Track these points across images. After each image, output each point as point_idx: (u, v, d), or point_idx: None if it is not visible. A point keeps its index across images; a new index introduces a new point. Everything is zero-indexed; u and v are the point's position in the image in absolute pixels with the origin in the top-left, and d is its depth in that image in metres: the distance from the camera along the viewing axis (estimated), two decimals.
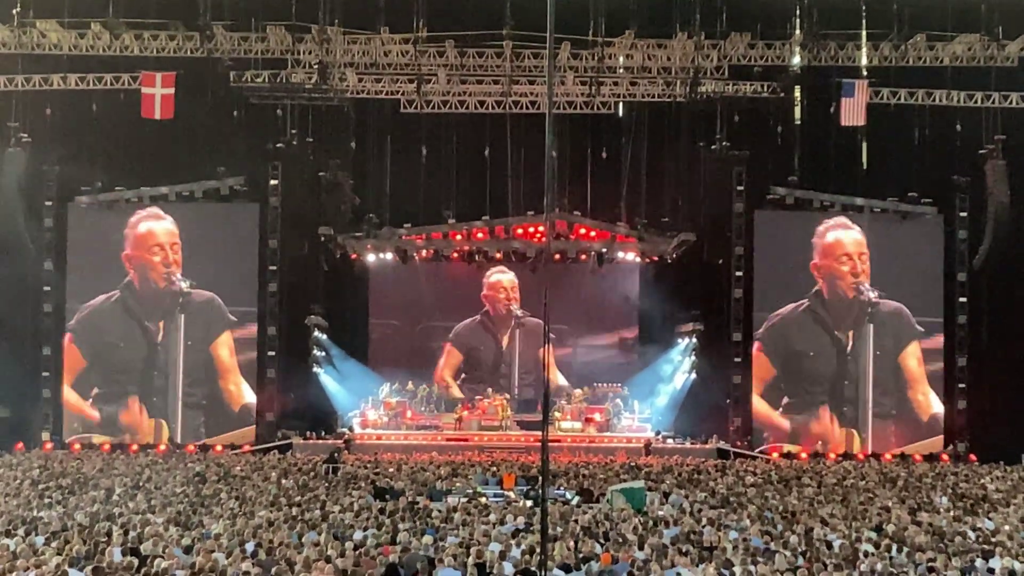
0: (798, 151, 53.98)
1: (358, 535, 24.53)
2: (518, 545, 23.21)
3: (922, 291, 54.07)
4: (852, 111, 50.92)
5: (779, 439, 53.05)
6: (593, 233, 56.20)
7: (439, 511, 28.72)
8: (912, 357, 53.96)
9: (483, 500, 31.91)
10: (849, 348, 53.92)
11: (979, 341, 53.52)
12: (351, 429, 53.81)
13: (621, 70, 53.41)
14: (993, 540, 24.54)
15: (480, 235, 55.69)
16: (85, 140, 51.83)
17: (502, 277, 59.27)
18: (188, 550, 22.41)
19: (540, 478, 30.75)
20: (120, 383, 53.44)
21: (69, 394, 53.12)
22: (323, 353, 57.08)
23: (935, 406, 53.67)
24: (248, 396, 53.68)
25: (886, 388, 53.85)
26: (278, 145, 53.60)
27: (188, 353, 53.81)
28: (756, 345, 53.95)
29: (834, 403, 53.67)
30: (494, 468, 40.40)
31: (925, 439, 53.02)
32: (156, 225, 53.64)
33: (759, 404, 53.60)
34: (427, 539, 23.89)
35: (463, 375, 58.92)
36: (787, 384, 53.89)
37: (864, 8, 51.49)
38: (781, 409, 53.59)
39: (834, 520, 27.47)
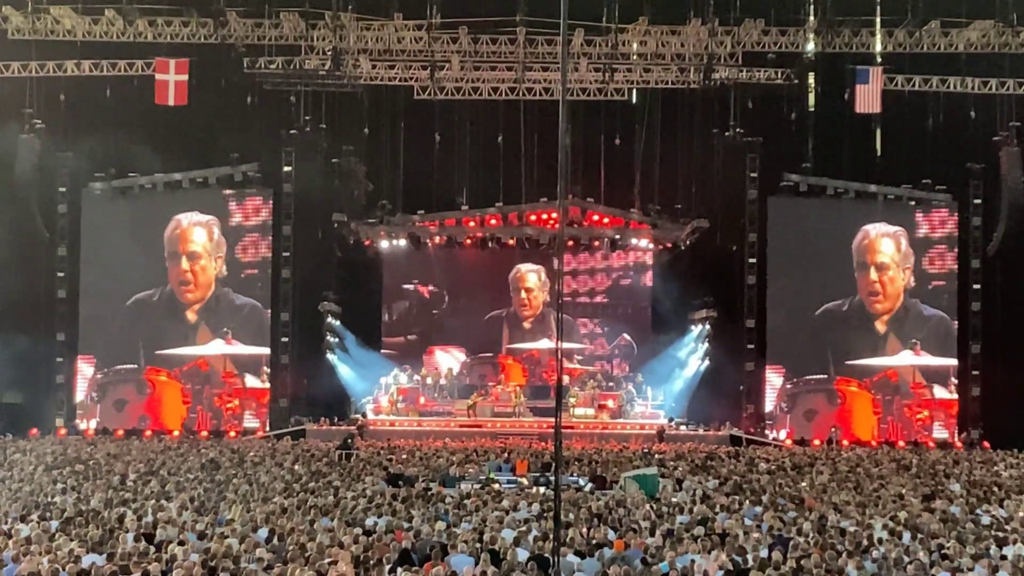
0: (812, 138, 53.91)
1: (371, 521, 24.54)
2: (531, 531, 23.21)
3: (935, 278, 53.99)
4: (867, 98, 50.81)
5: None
6: (606, 220, 56.20)
7: (452, 497, 28.73)
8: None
9: (496, 487, 31.89)
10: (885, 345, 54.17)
11: (993, 328, 53.41)
12: (364, 415, 53.87)
13: (635, 56, 53.37)
14: (1007, 527, 24.49)
15: (493, 221, 55.69)
16: (99, 126, 51.82)
17: (529, 275, 59.22)
18: (202, 536, 22.43)
19: (553, 465, 30.74)
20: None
21: None
22: (336, 339, 57.16)
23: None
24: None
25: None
26: (292, 132, 53.65)
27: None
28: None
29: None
30: (507, 455, 40.42)
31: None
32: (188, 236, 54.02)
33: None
34: (440, 525, 23.89)
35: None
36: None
37: None
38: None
39: (847, 507, 27.43)
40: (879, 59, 51.96)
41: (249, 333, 54.40)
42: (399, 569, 19.75)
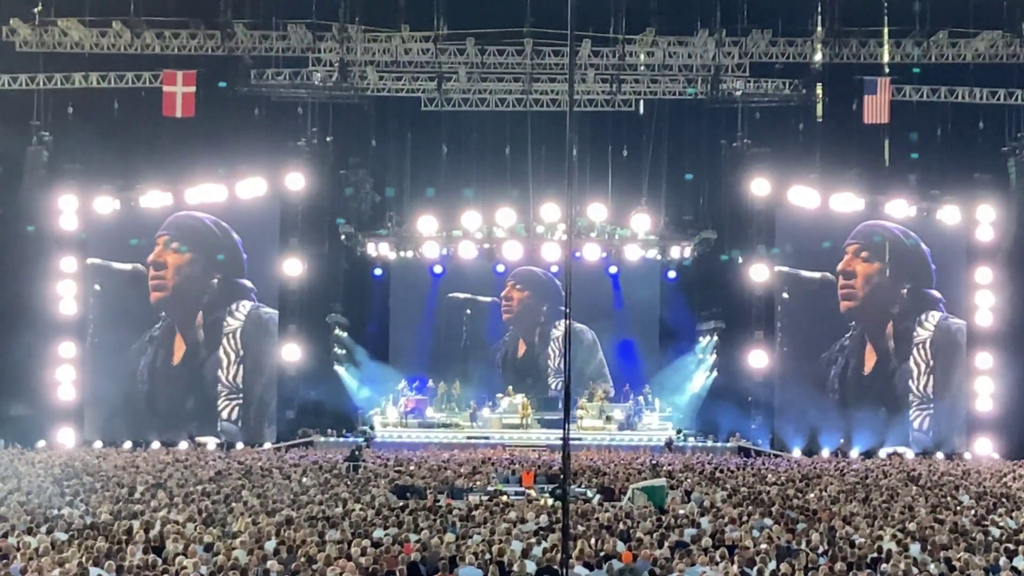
0: (820, 149, 53.78)
1: (379, 533, 24.52)
2: (539, 543, 23.18)
3: (945, 288, 53.81)
4: (875, 109, 50.75)
5: None
6: (615, 231, 56.06)
7: (460, 509, 28.70)
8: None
9: (504, 498, 31.86)
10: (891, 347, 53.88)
11: (1003, 338, 53.25)
12: (372, 427, 53.84)
13: (642, 67, 53.36)
14: (1017, 538, 24.41)
15: (501, 233, 55.60)
16: (106, 138, 51.84)
17: (529, 277, 59.28)
18: (209, 548, 22.41)
19: (561, 476, 30.71)
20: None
21: None
22: (344, 351, 57.17)
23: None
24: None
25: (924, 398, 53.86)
26: (299, 143, 53.64)
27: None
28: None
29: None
30: (514, 466, 40.39)
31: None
32: (191, 223, 53.63)
33: None
34: (448, 537, 23.86)
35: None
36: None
37: (886, 5, 51.37)
38: None
39: (856, 519, 27.35)
40: (887, 69, 51.93)
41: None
42: None
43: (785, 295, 53.99)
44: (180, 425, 52.94)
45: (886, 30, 51.44)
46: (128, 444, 51.06)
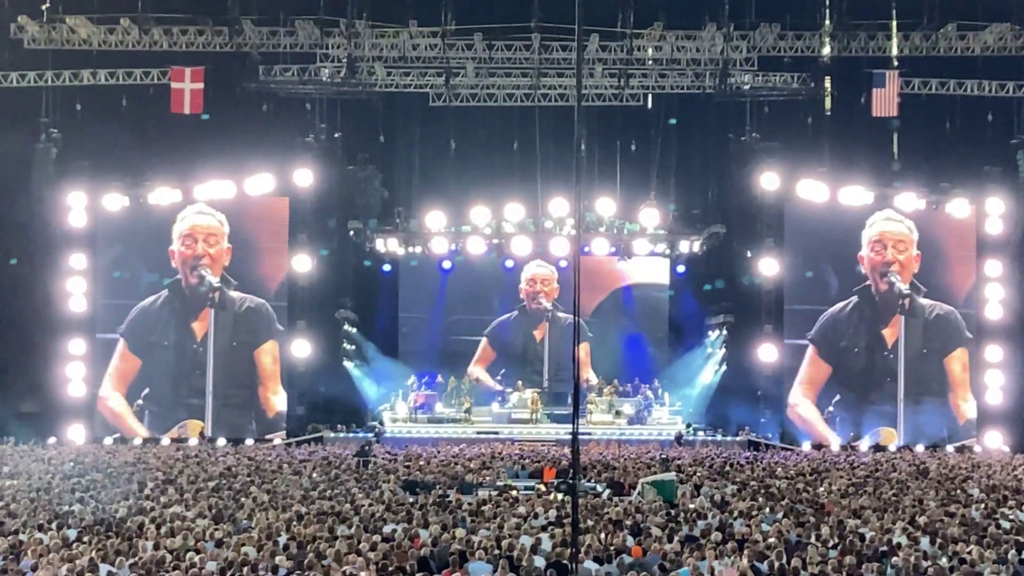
0: (828, 142, 53.73)
1: (389, 528, 24.54)
2: (549, 538, 23.19)
3: (954, 281, 53.67)
4: (883, 102, 50.72)
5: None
6: (624, 225, 56.02)
7: (470, 504, 28.71)
8: (957, 362, 53.28)
9: (514, 493, 31.86)
10: (890, 345, 53.44)
11: (1012, 331, 53.15)
12: (381, 422, 53.86)
13: (650, 62, 53.37)
14: None
15: (509, 228, 55.56)
16: (115, 135, 51.88)
17: (538, 271, 59.22)
18: (219, 544, 22.44)
19: (571, 471, 30.70)
20: (164, 383, 53.51)
21: (116, 401, 53.29)
22: (353, 347, 57.19)
23: (971, 412, 53.13)
24: (282, 405, 53.46)
25: (927, 389, 53.39)
26: (307, 139, 53.67)
27: (232, 354, 53.58)
28: (811, 348, 53.52)
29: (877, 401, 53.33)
30: (524, 461, 40.39)
31: (960, 441, 52.37)
32: (197, 220, 53.20)
33: (807, 410, 53.19)
34: (458, 532, 23.88)
35: (503, 370, 58.50)
36: (838, 384, 53.51)
37: None
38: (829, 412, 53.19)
39: (866, 512, 27.33)
40: (895, 63, 51.89)
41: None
42: None
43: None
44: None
45: (894, 23, 51.44)
46: (138, 441, 51.18)
